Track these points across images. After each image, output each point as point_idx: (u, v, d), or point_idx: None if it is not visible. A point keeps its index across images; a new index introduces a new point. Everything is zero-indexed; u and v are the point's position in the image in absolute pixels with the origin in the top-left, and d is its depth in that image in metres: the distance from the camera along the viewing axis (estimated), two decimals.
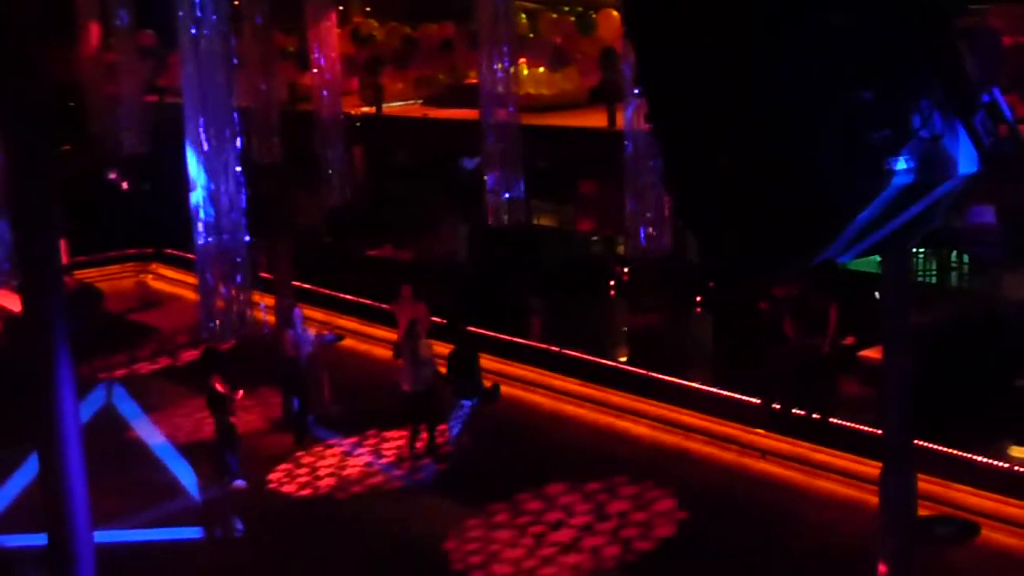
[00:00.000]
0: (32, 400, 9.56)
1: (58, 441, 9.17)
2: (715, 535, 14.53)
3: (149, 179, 31.72)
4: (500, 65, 23.97)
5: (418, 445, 16.97)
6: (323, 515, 15.47)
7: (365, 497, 15.93)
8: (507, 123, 23.83)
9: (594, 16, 30.34)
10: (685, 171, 5.29)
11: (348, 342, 20.81)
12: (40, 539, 9.19)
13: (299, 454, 17.24)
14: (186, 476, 15.94)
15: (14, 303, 21.28)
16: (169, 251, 28.02)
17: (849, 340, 17.40)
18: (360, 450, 17.31)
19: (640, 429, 17.70)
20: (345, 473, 16.61)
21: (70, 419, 9.21)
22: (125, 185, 32.73)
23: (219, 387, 16.18)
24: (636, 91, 20.30)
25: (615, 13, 27.31)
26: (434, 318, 18.60)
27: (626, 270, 22.87)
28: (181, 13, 20.86)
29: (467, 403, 16.62)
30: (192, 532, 14.95)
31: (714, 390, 17.59)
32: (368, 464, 16.86)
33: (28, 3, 9.62)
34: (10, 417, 15.39)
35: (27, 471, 13.79)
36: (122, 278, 27.92)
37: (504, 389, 17.77)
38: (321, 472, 16.65)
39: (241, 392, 16.54)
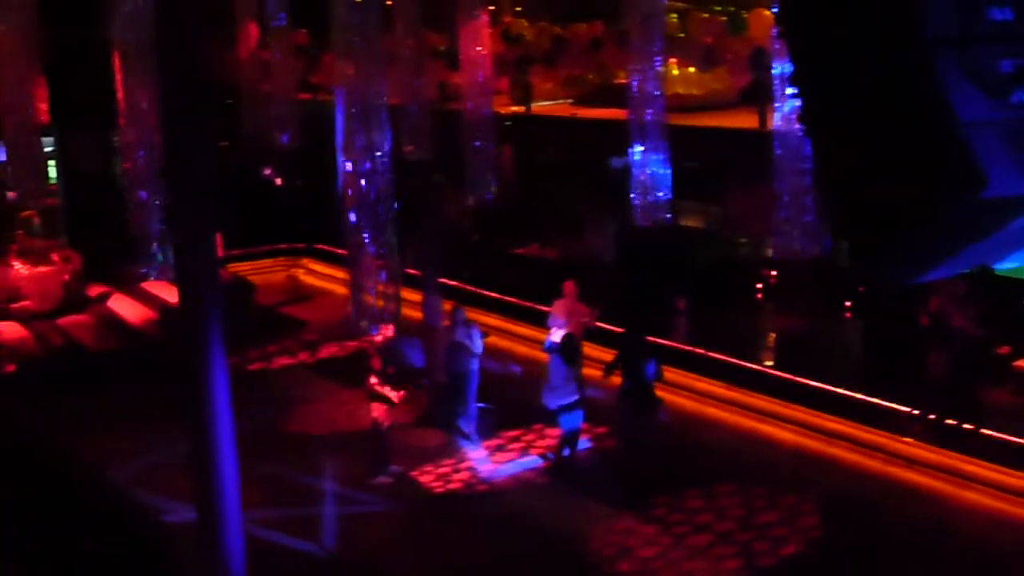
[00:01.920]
0: (186, 387, 9.82)
1: (211, 426, 9.42)
2: (858, 545, 14.30)
3: (301, 175, 32.27)
4: (649, 65, 23.93)
5: (563, 444, 16.99)
6: (466, 511, 15.57)
7: (508, 494, 15.98)
8: (656, 123, 23.77)
9: (746, 16, 30.09)
10: (839, 174, 5.22)
11: (493, 339, 20.91)
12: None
13: (446, 449, 17.38)
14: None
15: (171, 294, 21.87)
16: (320, 246, 28.46)
17: (1004, 350, 16.98)
18: (504, 446, 17.39)
19: (783, 434, 17.50)
20: (489, 469, 16.70)
21: (223, 405, 9.44)
22: (278, 181, 33.37)
23: (380, 379, 16.33)
24: (788, 91, 20.10)
25: (767, 12, 27.03)
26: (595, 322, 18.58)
27: (774, 272, 22.63)
28: (335, 13, 21.23)
29: (631, 405, 16.60)
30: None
31: (861, 396, 17.31)
32: (512, 461, 16.93)
33: (191, 4, 9.88)
34: (164, 403, 15.90)
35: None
36: (273, 272, 28.43)
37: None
38: (466, 468, 16.76)
39: (402, 391, 16.68)
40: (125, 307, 23.07)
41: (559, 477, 16.31)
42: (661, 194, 24.17)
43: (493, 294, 23.63)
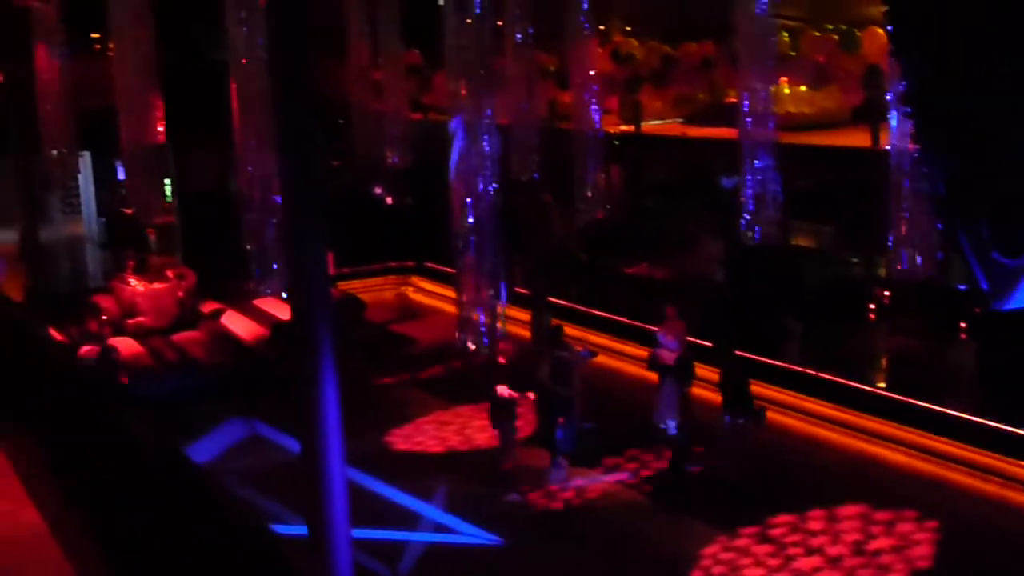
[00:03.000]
0: (296, 402, 9.92)
1: (320, 442, 9.50)
2: (973, 569, 14.02)
3: (412, 194, 32.52)
4: (760, 84, 23.75)
5: (668, 464, 16.90)
6: (573, 529, 15.54)
7: (615, 513, 15.93)
8: (766, 142, 23.58)
9: (859, 34, 29.74)
10: (957, 194, 5.15)
11: (601, 359, 20.87)
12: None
13: (551, 468, 17.34)
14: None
15: (283, 311, 22.14)
16: (429, 265, 28.64)
17: None
18: (611, 466, 17.33)
19: (896, 456, 17.23)
20: (596, 488, 16.65)
21: (332, 421, 9.52)
22: (389, 200, 33.64)
23: (503, 396, 16.34)
24: (902, 110, 19.83)
25: (881, 31, 26.68)
26: (697, 339, 18.46)
27: (887, 293, 22.29)
28: (447, 33, 21.38)
29: (735, 424, 16.51)
30: (447, 536, 15.23)
31: (976, 419, 16.97)
32: (619, 481, 16.86)
33: (304, 26, 10.01)
34: (274, 418, 16.11)
35: None
36: (384, 290, 28.67)
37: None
38: (573, 487, 16.72)
39: (528, 396, 16.69)
40: (238, 323, 23.40)
41: (668, 496, 16.21)
42: (772, 213, 23.95)
43: (601, 313, 23.57)
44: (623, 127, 30.99)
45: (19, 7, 28.46)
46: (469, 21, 20.88)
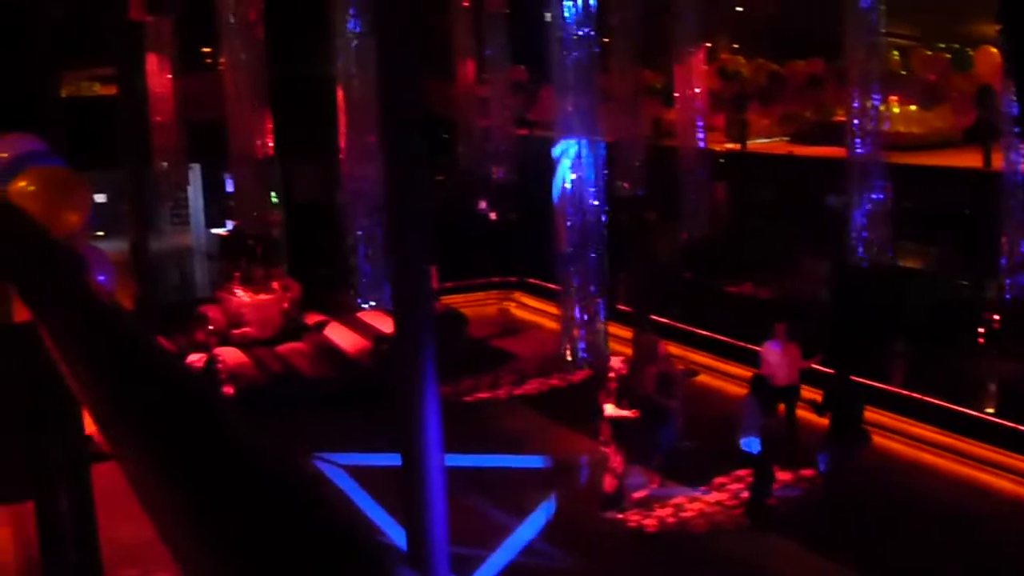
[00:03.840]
0: (398, 416, 9.96)
1: (421, 455, 9.52)
2: None
3: (516, 210, 32.57)
4: (869, 102, 23.45)
5: (758, 485, 16.67)
6: (671, 550, 15.44)
7: (712, 534, 15.80)
8: (875, 161, 23.27)
9: (971, 53, 29.25)
10: None
11: (703, 378, 20.71)
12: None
13: (648, 487, 17.24)
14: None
15: (386, 324, 22.27)
16: (532, 280, 28.66)
17: None
18: (710, 487, 17.18)
19: (1003, 484, 16.88)
20: (693, 508, 16.52)
21: (433, 435, 9.54)
22: (493, 215, 33.73)
23: (614, 414, 16.28)
24: (1016, 130, 19.47)
25: (994, 50, 26.23)
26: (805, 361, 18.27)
27: (996, 316, 21.88)
28: (553, 50, 21.39)
29: (840, 447, 16.30)
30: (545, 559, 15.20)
31: None
32: (716, 502, 16.72)
33: (411, 41, 10.07)
34: (374, 431, 16.19)
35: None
36: (486, 305, 28.74)
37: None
38: (670, 507, 16.60)
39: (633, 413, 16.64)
40: (341, 336, 23.59)
41: (758, 519, 16.03)
42: (880, 234, 23.62)
43: (704, 332, 23.43)
44: (728, 145, 30.79)
45: (134, 21, 28.97)
46: (575, 38, 20.88)
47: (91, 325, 2.74)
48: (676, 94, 29.85)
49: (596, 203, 21.16)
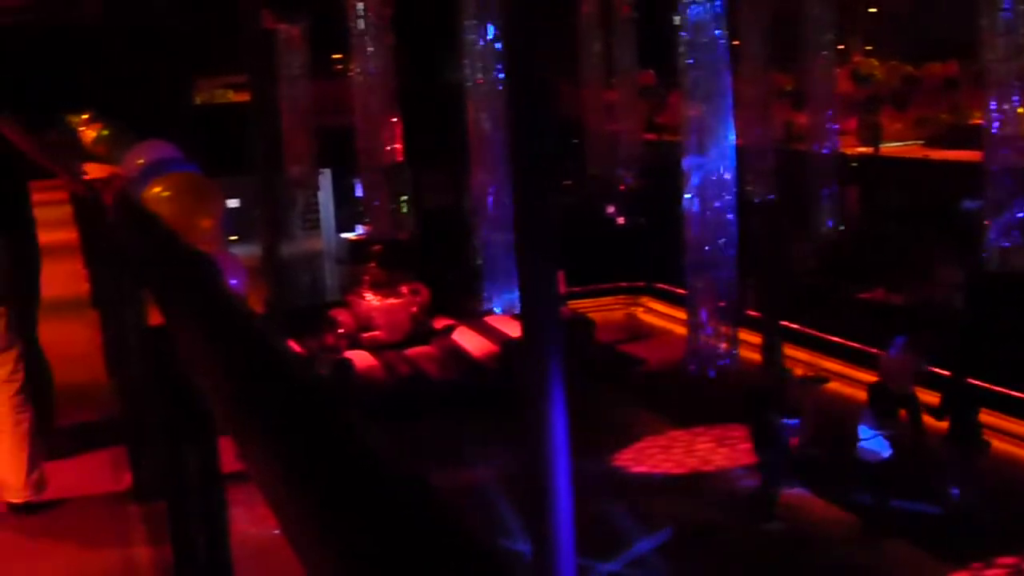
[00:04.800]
0: (524, 421, 9.96)
1: (547, 461, 9.51)
2: None
3: (644, 215, 32.46)
4: (1008, 105, 22.94)
5: (876, 495, 16.33)
6: (792, 558, 15.24)
7: (837, 542, 15.56)
8: (1013, 166, 22.75)
9: None
10: None
11: (833, 385, 20.40)
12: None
13: (766, 496, 17.00)
14: None
15: (513, 329, 22.33)
16: (660, 285, 28.51)
17: None
18: (837, 493, 16.90)
19: None
20: (817, 515, 16.27)
21: (560, 440, 9.52)
22: (621, 220, 33.66)
23: (772, 420, 16.10)
24: None
25: None
26: (933, 368, 17.92)
27: None
28: (682, 53, 21.29)
29: (959, 454, 15.95)
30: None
31: None
32: (843, 508, 16.44)
33: (540, 46, 10.08)
34: (503, 436, 16.26)
35: None
36: (613, 310, 28.64)
37: (995, 444, 16.90)
38: (792, 513, 16.37)
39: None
40: (468, 340, 23.70)
41: (879, 528, 15.74)
42: (1017, 240, 23.08)
43: (835, 338, 23.08)
44: (861, 149, 30.36)
45: (266, 29, 29.48)
46: (705, 41, 20.75)
47: (222, 329, 2.77)
48: (808, 97, 29.52)
49: (725, 208, 21.01)
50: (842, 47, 33.61)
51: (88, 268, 10.87)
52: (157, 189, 5.25)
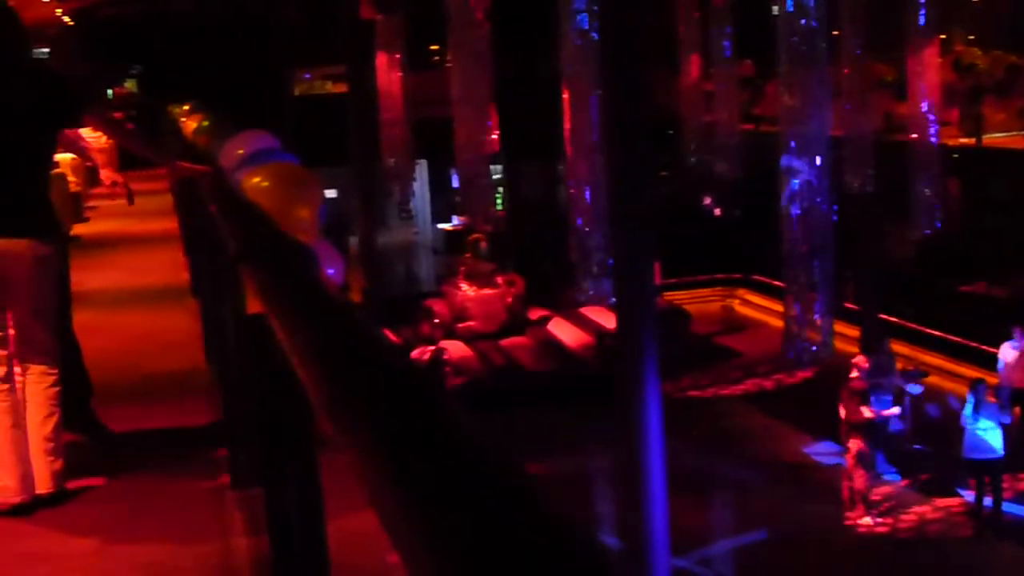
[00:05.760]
0: (619, 412, 9.93)
1: (641, 452, 9.47)
2: None
3: (740, 206, 32.20)
4: None
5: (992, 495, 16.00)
6: (894, 555, 15.04)
7: (939, 542, 15.32)
8: None
9: None
10: None
11: (933, 379, 20.11)
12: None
13: (873, 491, 16.79)
14: None
15: (608, 320, 22.28)
16: (757, 277, 28.29)
17: None
18: (943, 491, 16.64)
19: None
20: (918, 513, 16.04)
21: (654, 431, 9.48)
22: (718, 211, 33.42)
23: (860, 415, 15.91)
24: None
25: None
26: None
27: None
28: (781, 43, 21.07)
29: None
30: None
31: None
32: (944, 508, 16.18)
33: (637, 37, 10.03)
34: (597, 427, 16.20)
35: None
36: (709, 302, 28.47)
37: None
38: (894, 510, 16.15)
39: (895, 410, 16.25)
40: (563, 331, 23.68)
41: (986, 527, 15.46)
42: None
43: (935, 332, 22.75)
44: (963, 140, 29.85)
45: (364, 20, 29.66)
46: (804, 31, 20.52)
47: (320, 318, 2.78)
48: (908, 87, 29.09)
49: (824, 200, 20.78)
50: (944, 36, 33.06)
51: (188, 257, 11.00)
52: (256, 179, 5.29)
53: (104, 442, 7.21)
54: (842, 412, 16.03)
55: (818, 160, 20.66)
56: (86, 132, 9.05)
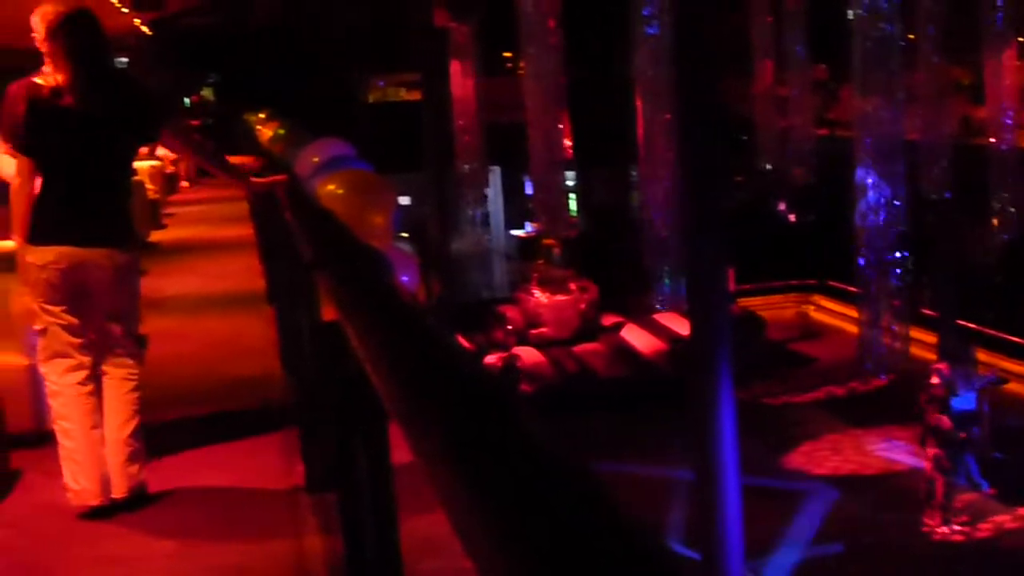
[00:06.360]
0: (693, 418, 9.89)
1: (715, 459, 9.44)
2: None
3: (815, 211, 31.95)
4: None
5: None
6: (978, 562, 14.85)
7: (1016, 551, 15.10)
8: None
9: None
10: None
11: (1013, 386, 19.84)
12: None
13: (955, 498, 16.60)
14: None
15: (682, 326, 22.20)
16: (832, 283, 28.06)
17: None
18: (1016, 501, 16.41)
19: None
20: (997, 522, 15.82)
21: (728, 439, 9.45)
22: (792, 217, 33.19)
23: (942, 424, 15.72)
24: None
25: None
26: None
27: None
28: (856, 47, 20.92)
29: None
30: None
31: None
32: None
33: (710, 42, 10.00)
34: (671, 432, 16.15)
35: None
36: (783, 308, 28.28)
37: None
38: (977, 518, 15.96)
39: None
40: (637, 337, 23.62)
41: None
42: None
43: (1016, 338, 22.44)
44: None
45: (437, 28, 29.77)
46: (880, 34, 20.35)
47: (393, 324, 2.80)
48: (986, 91, 28.73)
49: (899, 205, 20.60)
50: (1022, 39, 32.63)
51: (264, 264, 11.11)
52: (331, 186, 5.34)
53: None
54: (923, 419, 15.87)
55: (893, 165, 20.46)
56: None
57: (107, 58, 6.57)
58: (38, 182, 6.35)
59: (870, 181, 20.74)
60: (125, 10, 21.14)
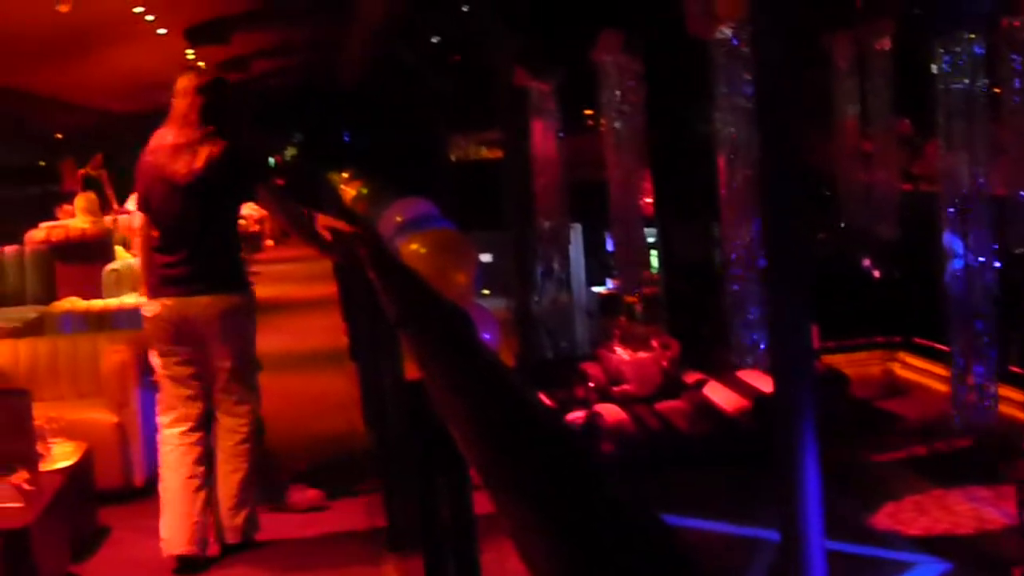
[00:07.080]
0: (777, 476, 9.79)
1: (800, 517, 9.33)
2: None
3: (900, 267, 31.64)
4: None
5: None
6: None
7: None
8: None
9: None
10: None
11: None
12: None
13: None
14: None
15: (765, 383, 22.01)
16: (918, 340, 27.72)
17: None
18: None
19: None
20: None
21: (813, 497, 9.34)
22: (876, 273, 32.87)
23: None
24: None
25: None
26: None
27: None
28: (940, 101, 20.78)
29: None
30: None
31: None
32: None
33: (793, 97, 9.98)
34: (754, 492, 16.00)
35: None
36: (869, 365, 27.94)
37: None
38: None
39: None
40: (719, 394, 23.44)
41: None
42: None
43: None
44: None
45: (518, 88, 29.95)
46: (963, 88, 20.20)
47: (476, 382, 2.82)
48: None
49: (985, 260, 20.35)
50: None
51: (347, 321, 11.19)
52: (414, 245, 5.39)
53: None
54: (1017, 478, 15.60)
55: (979, 221, 20.24)
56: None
57: (234, 123, 6.76)
58: (153, 237, 6.52)
59: (956, 237, 20.52)
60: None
